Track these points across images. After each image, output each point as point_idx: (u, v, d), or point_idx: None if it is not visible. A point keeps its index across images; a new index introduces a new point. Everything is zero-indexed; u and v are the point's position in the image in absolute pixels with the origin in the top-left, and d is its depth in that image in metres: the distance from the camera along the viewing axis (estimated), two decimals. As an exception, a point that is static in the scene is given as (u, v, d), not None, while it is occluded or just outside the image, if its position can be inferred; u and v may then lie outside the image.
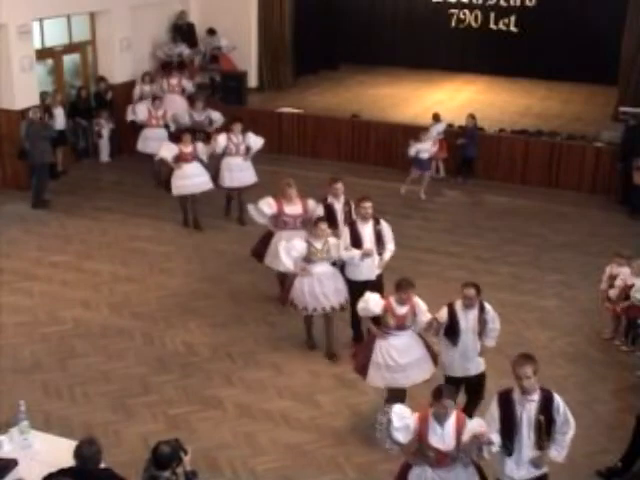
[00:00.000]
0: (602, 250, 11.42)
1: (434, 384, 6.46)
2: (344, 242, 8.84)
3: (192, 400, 8.28)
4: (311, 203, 9.82)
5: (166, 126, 14.25)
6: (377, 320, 7.72)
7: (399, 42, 20.38)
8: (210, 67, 18.10)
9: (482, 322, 7.42)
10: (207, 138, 13.66)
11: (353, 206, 9.45)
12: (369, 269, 8.98)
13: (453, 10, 20.20)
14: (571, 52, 18.49)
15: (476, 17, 20.03)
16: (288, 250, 8.79)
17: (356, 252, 8.77)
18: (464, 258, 11.70)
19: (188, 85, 16.03)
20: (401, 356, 7.56)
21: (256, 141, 12.52)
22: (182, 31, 17.73)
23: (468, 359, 7.48)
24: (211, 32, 17.96)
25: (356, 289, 8.75)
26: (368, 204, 8.84)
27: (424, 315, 7.59)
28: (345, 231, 8.96)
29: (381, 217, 9.15)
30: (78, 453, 5.45)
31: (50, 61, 15.21)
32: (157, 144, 13.28)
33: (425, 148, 13.87)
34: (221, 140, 12.32)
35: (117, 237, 12.29)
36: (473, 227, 12.92)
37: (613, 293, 9.43)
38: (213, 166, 12.50)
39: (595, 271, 10.26)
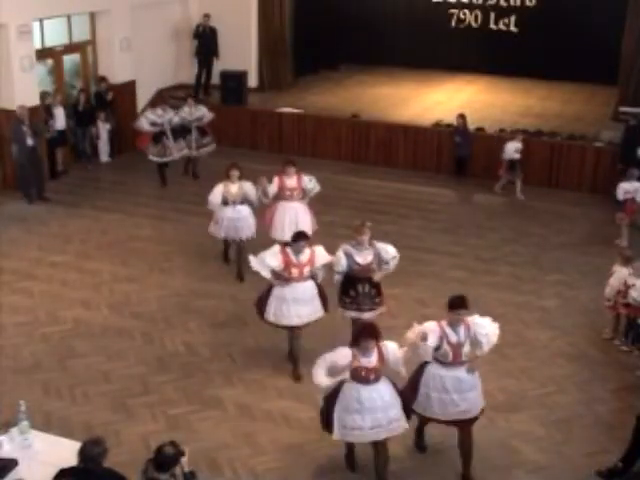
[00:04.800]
0: (602, 250, 11.42)
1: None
2: None
3: (192, 400, 8.27)
4: None
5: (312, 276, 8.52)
6: None
7: (399, 42, 20.33)
8: (204, 142, 14.48)
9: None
10: (378, 293, 8.54)
11: None
12: None
13: (453, 10, 20.17)
14: (571, 52, 18.44)
15: (476, 17, 20.01)
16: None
17: None
18: (464, 258, 11.70)
19: (310, 184, 10.61)
20: None
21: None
22: (205, 37, 17.34)
23: None
24: (196, 100, 14.94)
25: None
26: None
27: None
28: None
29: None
30: (83, 452, 5.42)
31: (50, 61, 15.21)
32: (308, 310, 8.47)
33: (632, 188, 11.81)
34: (430, 344, 6.82)
35: (117, 237, 12.29)
36: (473, 227, 12.91)
37: (609, 292, 9.42)
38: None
39: (595, 271, 10.25)
